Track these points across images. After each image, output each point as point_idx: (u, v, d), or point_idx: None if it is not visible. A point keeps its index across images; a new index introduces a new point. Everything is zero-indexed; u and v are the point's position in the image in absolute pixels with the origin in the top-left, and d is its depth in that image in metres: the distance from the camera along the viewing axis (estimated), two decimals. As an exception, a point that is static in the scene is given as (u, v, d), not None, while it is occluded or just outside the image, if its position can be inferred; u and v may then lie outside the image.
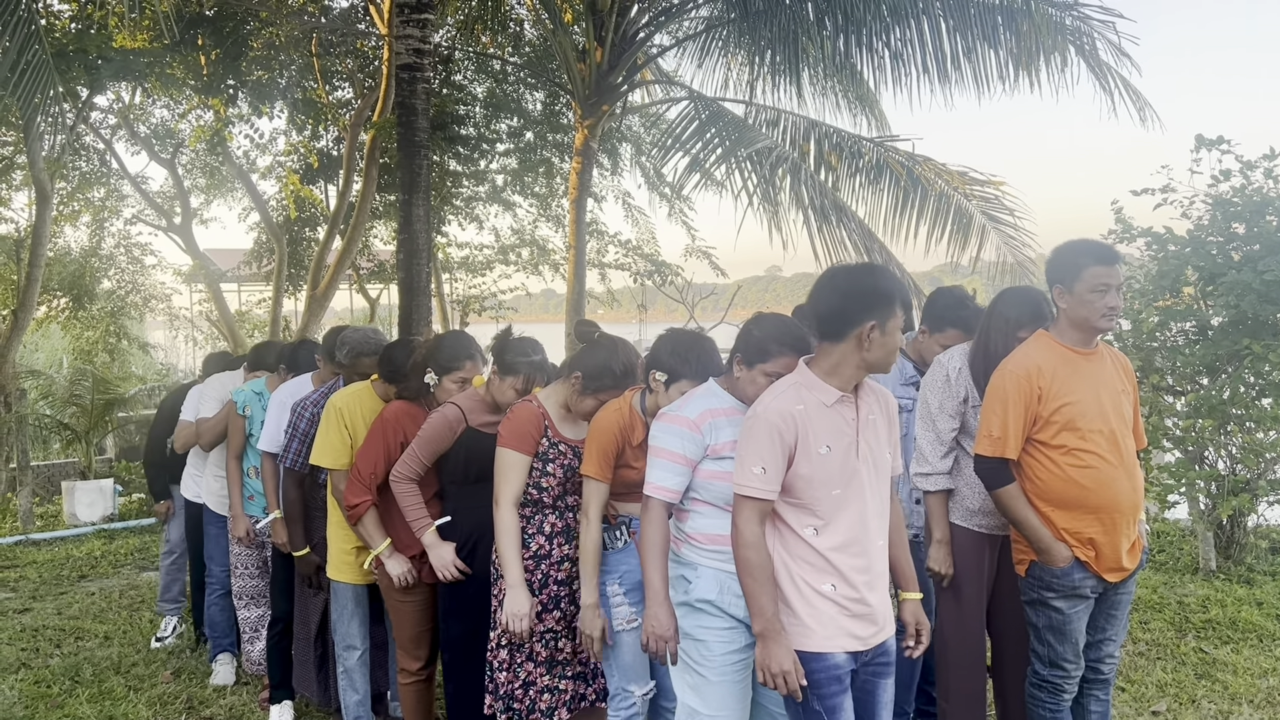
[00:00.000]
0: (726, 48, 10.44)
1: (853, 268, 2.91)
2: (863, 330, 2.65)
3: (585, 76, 9.70)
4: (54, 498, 10.30)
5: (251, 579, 4.89)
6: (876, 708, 2.86)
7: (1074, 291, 3.12)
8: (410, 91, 6.59)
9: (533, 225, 15.75)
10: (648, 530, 2.93)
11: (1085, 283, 3.10)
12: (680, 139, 9.46)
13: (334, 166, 13.11)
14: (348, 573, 3.99)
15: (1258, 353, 5.98)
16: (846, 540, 2.70)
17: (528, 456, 3.37)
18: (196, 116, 13.01)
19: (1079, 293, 3.11)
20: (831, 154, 10.63)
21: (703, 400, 2.95)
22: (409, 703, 3.87)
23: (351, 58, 12.47)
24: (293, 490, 4.21)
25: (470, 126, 12.96)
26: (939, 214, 10.12)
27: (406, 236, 6.55)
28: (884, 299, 2.68)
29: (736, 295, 14.67)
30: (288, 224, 13.78)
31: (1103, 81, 8.71)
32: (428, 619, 3.79)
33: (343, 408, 3.90)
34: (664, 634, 2.91)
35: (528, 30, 12.53)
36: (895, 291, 2.70)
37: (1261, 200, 6.26)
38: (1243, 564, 6.61)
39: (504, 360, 3.55)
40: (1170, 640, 5.28)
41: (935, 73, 8.76)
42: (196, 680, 5.03)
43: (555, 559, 3.43)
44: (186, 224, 15.07)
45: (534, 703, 3.38)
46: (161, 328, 20.13)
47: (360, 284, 16.48)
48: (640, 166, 14.42)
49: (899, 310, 2.68)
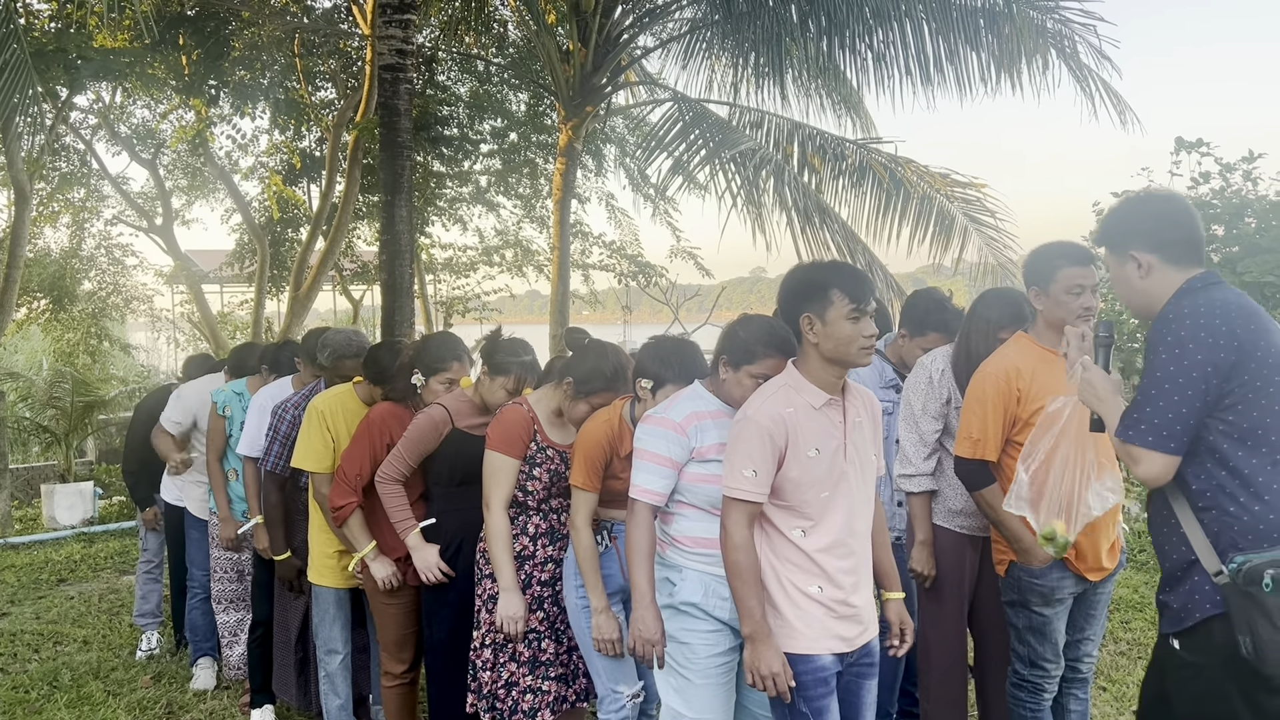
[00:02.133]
0: (710, 49, 10.45)
1: (796, 266, 2.90)
2: (802, 325, 2.68)
3: (569, 77, 9.69)
4: (33, 501, 10.22)
5: (231, 583, 4.85)
6: (861, 708, 2.87)
7: (1049, 293, 3.15)
8: (393, 92, 6.57)
9: (517, 226, 15.75)
10: (634, 534, 2.92)
11: (1060, 284, 3.12)
12: (664, 140, 9.47)
13: (317, 167, 13.07)
14: (329, 576, 3.97)
15: (1237, 354, 6.02)
16: (833, 542, 2.71)
17: (517, 460, 3.37)
18: (178, 117, 12.95)
19: (1054, 294, 3.14)
20: (815, 156, 10.66)
21: (688, 403, 2.95)
22: (392, 706, 3.85)
23: (334, 58, 12.42)
24: (273, 494, 4.19)
25: (454, 127, 12.93)
26: (921, 216, 10.16)
27: (389, 237, 6.53)
28: (816, 289, 2.68)
29: (721, 296, 14.68)
30: (270, 225, 13.73)
31: (1083, 84, 8.76)
32: (413, 622, 3.77)
33: (325, 410, 3.88)
34: (651, 638, 2.90)
35: (511, 31, 12.51)
36: (830, 279, 2.68)
37: (1240, 202, 6.32)
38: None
39: (494, 361, 3.55)
40: (1151, 639, 5.31)
41: (918, 75, 8.79)
42: (176, 685, 5.00)
43: (539, 560, 3.42)
44: (168, 225, 14.99)
45: (516, 703, 3.37)
46: (143, 329, 20.01)
47: (343, 285, 16.43)
48: (624, 168, 14.43)
49: (838, 297, 2.64)
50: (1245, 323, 2.27)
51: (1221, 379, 2.25)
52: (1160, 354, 2.30)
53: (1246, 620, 2.19)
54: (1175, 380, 2.27)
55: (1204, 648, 2.31)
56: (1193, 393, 2.25)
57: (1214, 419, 2.28)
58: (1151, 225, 2.47)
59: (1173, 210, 2.51)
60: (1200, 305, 2.31)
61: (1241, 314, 2.29)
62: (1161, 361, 2.30)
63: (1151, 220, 2.48)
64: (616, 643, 3.18)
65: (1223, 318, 2.27)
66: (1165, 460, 2.29)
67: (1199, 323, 2.27)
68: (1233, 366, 2.25)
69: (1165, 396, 2.27)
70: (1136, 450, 2.31)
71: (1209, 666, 2.30)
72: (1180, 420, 2.26)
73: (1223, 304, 2.30)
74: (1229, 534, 2.26)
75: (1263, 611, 2.17)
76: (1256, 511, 2.24)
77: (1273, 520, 2.23)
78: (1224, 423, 2.27)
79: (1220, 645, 2.26)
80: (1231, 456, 2.27)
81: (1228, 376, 2.25)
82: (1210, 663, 2.30)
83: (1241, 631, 2.19)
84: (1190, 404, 2.26)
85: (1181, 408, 2.26)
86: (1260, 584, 2.17)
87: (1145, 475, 2.32)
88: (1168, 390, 2.27)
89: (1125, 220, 2.53)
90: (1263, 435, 2.26)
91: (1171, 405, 2.26)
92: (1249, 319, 2.28)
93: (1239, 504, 2.26)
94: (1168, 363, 2.28)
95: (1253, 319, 2.29)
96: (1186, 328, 2.28)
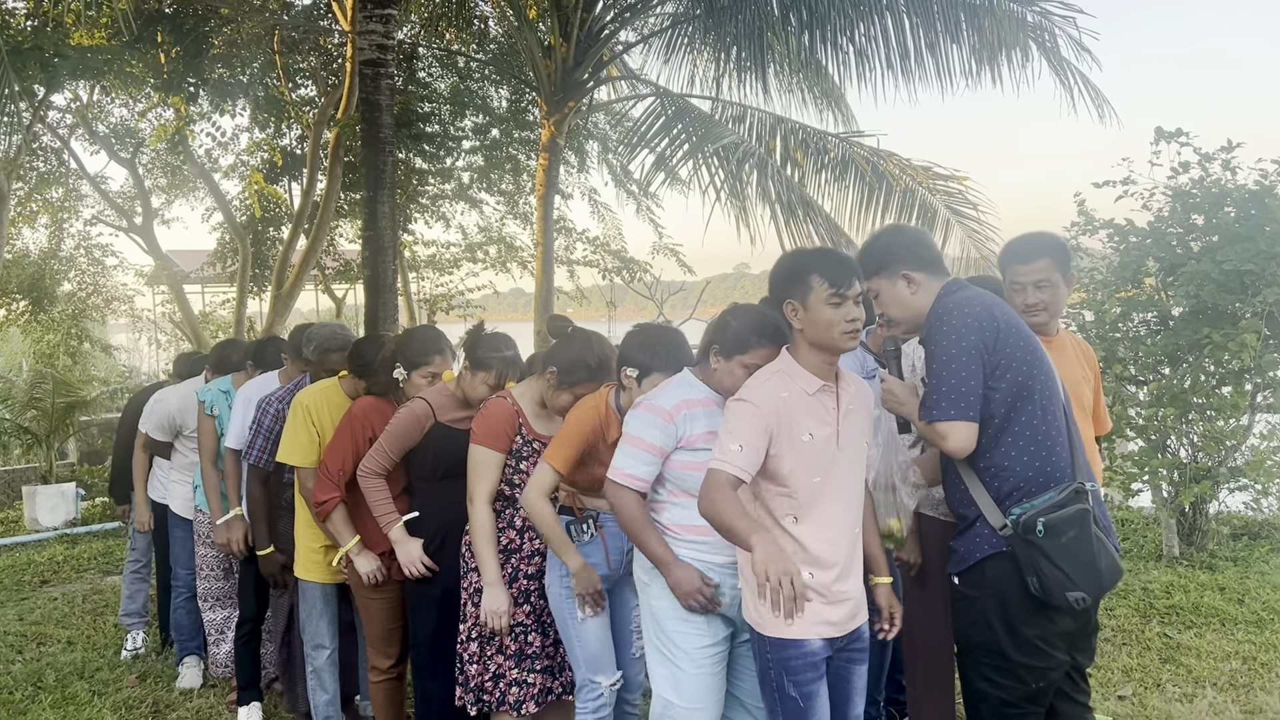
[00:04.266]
0: (692, 44, 10.44)
1: (782, 255, 2.96)
2: (786, 312, 2.73)
3: (551, 73, 9.67)
4: (15, 503, 10.12)
5: (217, 581, 4.82)
6: (850, 693, 2.89)
7: (1006, 284, 3.39)
8: (374, 88, 6.55)
9: (500, 223, 15.70)
10: (626, 510, 2.89)
11: (1008, 278, 3.38)
12: (646, 135, 9.46)
13: (298, 164, 12.99)
14: (316, 571, 3.95)
15: (1217, 342, 6.07)
16: (824, 528, 2.73)
17: (502, 454, 3.36)
18: (157, 115, 12.82)
19: (1007, 286, 3.38)
20: (798, 150, 10.67)
21: (679, 390, 2.95)
22: (380, 701, 3.84)
23: (314, 55, 12.35)
24: (257, 488, 4.15)
25: (436, 123, 12.89)
26: (904, 208, 10.20)
27: (372, 234, 6.50)
28: (797, 275, 2.72)
29: (705, 292, 14.70)
30: (251, 223, 13.64)
31: (1062, 78, 8.80)
32: (398, 616, 3.76)
33: (310, 405, 3.86)
34: (692, 588, 2.84)
35: (492, 26, 12.47)
36: (810, 265, 2.71)
37: (1220, 192, 6.36)
38: (1205, 550, 6.72)
39: (476, 355, 3.53)
40: (1135, 626, 5.36)
41: (899, 68, 8.82)
42: (162, 684, 4.96)
43: (525, 553, 3.42)
44: (148, 224, 14.89)
45: (504, 695, 3.37)
46: (124, 330, 19.86)
47: (326, 284, 16.35)
48: (607, 163, 14.41)
49: (818, 283, 2.67)
50: (993, 309, 2.73)
51: (989, 353, 2.68)
52: (940, 343, 2.71)
53: (1031, 563, 2.62)
54: (959, 359, 2.66)
55: (978, 583, 2.75)
56: (975, 366, 2.66)
57: (988, 389, 2.68)
58: (914, 250, 2.90)
59: (922, 236, 3.08)
60: (960, 301, 2.75)
61: (989, 304, 2.74)
62: (943, 348, 2.70)
63: (913, 245, 2.92)
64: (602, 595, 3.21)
65: (981, 306, 2.72)
66: (967, 427, 2.67)
67: (965, 312, 2.71)
68: (996, 342, 2.68)
69: (954, 374, 2.66)
70: (942, 426, 2.67)
71: (980, 599, 2.75)
72: (971, 391, 2.67)
73: (977, 298, 2.76)
74: (1006, 487, 2.68)
75: (1042, 553, 2.60)
76: (1025, 462, 2.67)
77: (1039, 468, 2.66)
78: (996, 390, 2.68)
79: (990, 580, 2.72)
80: (1003, 418, 2.68)
81: (993, 350, 2.68)
82: (981, 595, 2.75)
83: (1028, 573, 2.63)
84: (975, 375, 2.67)
85: (970, 380, 2.66)
86: (1035, 532, 2.60)
87: (954, 446, 2.69)
88: (954, 369, 2.66)
89: (891, 248, 2.93)
90: (1026, 397, 2.68)
91: (961, 380, 2.66)
92: (994, 306, 2.74)
93: (1011, 458, 2.68)
94: (948, 348, 2.69)
95: (997, 306, 2.75)
96: (956, 317, 2.71)
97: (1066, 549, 2.60)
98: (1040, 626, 2.70)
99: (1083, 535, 2.62)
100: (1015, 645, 2.71)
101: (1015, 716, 2.78)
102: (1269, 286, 5.87)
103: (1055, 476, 2.68)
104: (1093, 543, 2.63)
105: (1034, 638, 2.70)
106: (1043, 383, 2.73)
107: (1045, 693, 2.78)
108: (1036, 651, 2.71)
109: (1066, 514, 2.61)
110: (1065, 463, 2.72)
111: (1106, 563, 2.65)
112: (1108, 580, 2.67)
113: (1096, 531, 2.65)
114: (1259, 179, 6.24)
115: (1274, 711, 4.24)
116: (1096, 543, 2.63)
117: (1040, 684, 2.75)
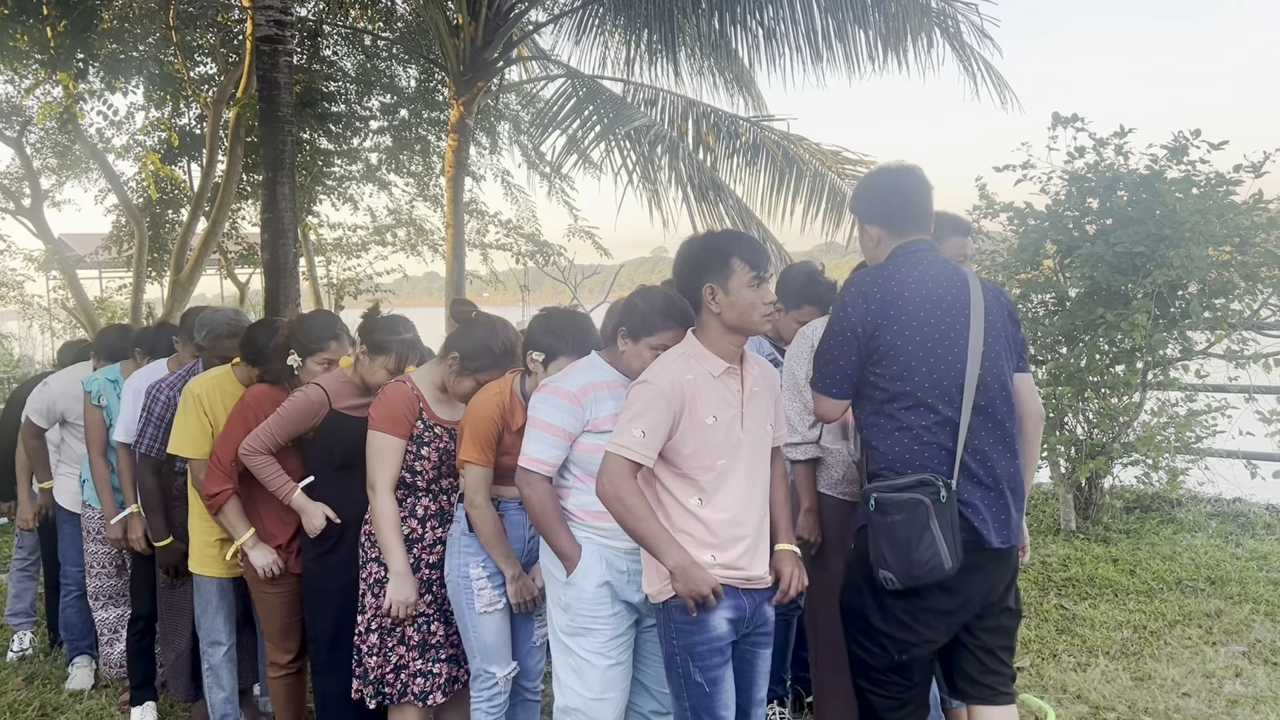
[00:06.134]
0: (603, 25, 10.38)
1: (692, 237, 2.95)
2: (704, 295, 2.71)
3: (459, 52, 9.50)
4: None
5: (109, 578, 4.62)
6: (755, 676, 2.90)
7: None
8: (271, 65, 6.33)
9: (409, 205, 15.42)
10: (535, 499, 2.87)
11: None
12: (557, 117, 9.38)
13: (197, 145, 12.54)
14: (211, 565, 3.81)
15: (1110, 322, 6.27)
16: (729, 510, 2.73)
17: (402, 440, 3.28)
18: (44, 92, 12.21)
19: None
20: (709, 133, 10.71)
21: (585, 373, 2.92)
22: (279, 697, 3.74)
23: (213, 31, 11.91)
24: (150, 478, 3.98)
25: (341, 103, 12.55)
26: (814, 193, 10.33)
27: (271, 216, 6.29)
28: (716, 258, 2.72)
29: (621, 276, 14.65)
30: (148, 206, 13.11)
31: (966, 64, 8.97)
32: (296, 610, 3.65)
33: (201, 394, 3.72)
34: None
35: (399, 4, 12.19)
36: (731, 248, 2.73)
37: (1113, 176, 6.54)
38: (1100, 523, 6.96)
39: (373, 339, 3.43)
40: (1034, 599, 5.51)
41: (808, 52, 8.91)
42: (51, 686, 4.76)
43: (428, 542, 3.35)
44: (37, 206, 14.23)
45: (405, 686, 3.30)
46: (15, 317, 19.00)
47: (228, 268, 15.85)
48: (519, 145, 14.25)
49: (739, 265, 2.69)
50: (900, 292, 2.71)
51: (866, 339, 2.71)
52: (831, 316, 2.82)
53: (874, 535, 2.72)
54: (836, 338, 2.76)
55: (860, 549, 2.85)
56: (848, 349, 2.74)
57: (868, 370, 2.74)
58: (880, 199, 2.89)
59: (901, 183, 2.89)
60: (871, 275, 2.78)
61: (893, 291, 2.71)
62: (829, 323, 2.81)
63: (882, 194, 2.89)
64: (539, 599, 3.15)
65: (881, 288, 2.72)
66: (830, 402, 2.82)
67: (861, 291, 2.74)
68: (877, 329, 2.70)
69: (829, 351, 2.79)
70: (814, 394, 2.87)
71: (855, 565, 2.88)
72: (839, 370, 2.77)
73: (891, 276, 2.74)
74: (876, 466, 2.79)
75: (877, 527, 2.71)
76: (890, 445, 2.74)
77: (902, 455, 2.72)
78: (873, 374, 2.74)
79: (860, 550, 2.84)
80: (879, 401, 2.75)
81: (871, 338, 2.71)
82: (855, 562, 2.88)
83: (873, 544, 2.72)
84: (846, 357, 2.75)
85: (839, 360, 2.76)
86: (869, 505, 2.72)
87: (819, 413, 2.89)
88: (830, 346, 2.79)
89: (862, 193, 2.95)
90: (901, 388, 2.70)
91: (832, 358, 2.77)
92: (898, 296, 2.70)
93: (879, 439, 2.76)
94: (832, 324, 2.79)
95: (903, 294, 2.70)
96: (849, 294, 2.76)
97: (889, 529, 2.67)
98: (907, 600, 2.74)
99: (909, 522, 2.63)
100: (881, 615, 2.79)
101: (881, 683, 2.85)
102: (1159, 268, 6.07)
103: (919, 467, 2.70)
104: (917, 533, 2.63)
105: (898, 609, 2.76)
106: (928, 377, 2.68)
107: (910, 667, 2.81)
108: (900, 624, 2.77)
109: (900, 498, 2.66)
110: (939, 458, 2.70)
111: (927, 557, 2.63)
112: (920, 572, 2.64)
113: (934, 526, 2.62)
114: (1149, 163, 6.44)
115: (1162, 678, 4.41)
116: (927, 535, 2.62)
117: (903, 656, 2.79)
